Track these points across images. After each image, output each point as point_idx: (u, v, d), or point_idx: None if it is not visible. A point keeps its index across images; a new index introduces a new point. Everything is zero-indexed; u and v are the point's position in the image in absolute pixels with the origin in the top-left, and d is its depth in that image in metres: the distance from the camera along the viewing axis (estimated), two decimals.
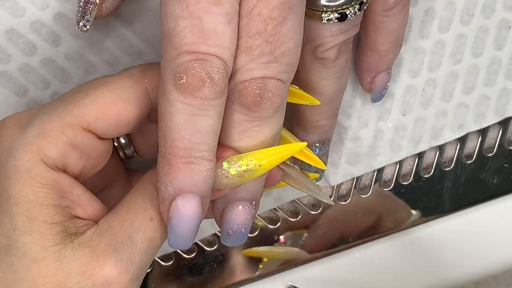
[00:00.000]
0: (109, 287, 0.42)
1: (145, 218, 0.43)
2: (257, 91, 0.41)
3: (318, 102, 0.49)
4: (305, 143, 0.45)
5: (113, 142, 0.49)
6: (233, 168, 0.43)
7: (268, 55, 0.41)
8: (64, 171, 0.44)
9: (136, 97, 0.44)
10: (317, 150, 0.53)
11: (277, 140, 0.44)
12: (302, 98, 0.48)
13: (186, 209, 0.42)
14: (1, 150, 0.44)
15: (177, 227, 0.42)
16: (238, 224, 0.45)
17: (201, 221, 0.43)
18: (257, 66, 0.41)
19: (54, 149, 0.43)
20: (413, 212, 0.61)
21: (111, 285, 0.42)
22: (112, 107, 0.44)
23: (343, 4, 0.46)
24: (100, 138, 0.45)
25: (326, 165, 0.55)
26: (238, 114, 0.42)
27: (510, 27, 0.57)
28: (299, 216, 0.60)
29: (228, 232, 0.46)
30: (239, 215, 0.45)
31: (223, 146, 0.43)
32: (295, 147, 0.44)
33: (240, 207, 0.45)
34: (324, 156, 0.54)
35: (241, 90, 0.41)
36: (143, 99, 0.45)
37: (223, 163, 0.43)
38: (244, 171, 0.43)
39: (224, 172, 0.43)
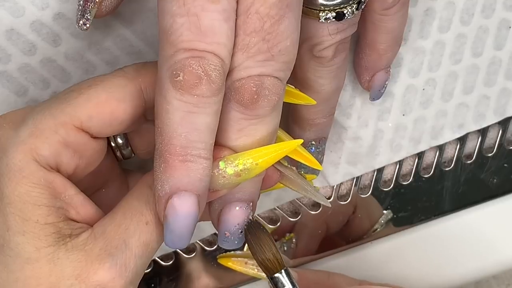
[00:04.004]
0: None
1: (140, 222, 0.43)
2: (254, 89, 0.41)
3: (314, 102, 0.49)
4: (301, 140, 0.45)
5: (110, 142, 0.49)
6: (229, 167, 0.43)
7: (265, 53, 0.40)
8: (57, 170, 0.44)
9: (130, 96, 0.44)
10: (313, 148, 0.53)
11: (274, 139, 0.44)
12: (299, 97, 0.48)
13: (183, 207, 0.41)
14: None
15: (173, 226, 0.42)
16: (235, 225, 0.45)
17: (197, 220, 0.43)
18: (254, 64, 0.41)
19: (46, 148, 0.43)
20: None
21: None
22: (106, 106, 0.44)
23: (340, 3, 0.46)
24: (94, 137, 0.45)
25: (322, 163, 0.55)
26: (235, 112, 0.42)
27: (510, 27, 0.57)
28: (299, 216, 0.60)
29: (225, 234, 0.46)
30: (237, 216, 0.45)
31: (219, 146, 0.43)
32: (292, 145, 0.44)
33: (237, 207, 0.45)
34: (320, 154, 0.54)
35: (238, 88, 0.41)
36: (136, 98, 0.45)
37: (220, 163, 0.43)
38: (241, 170, 0.43)
39: (221, 172, 0.43)
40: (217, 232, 0.59)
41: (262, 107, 0.41)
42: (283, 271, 0.48)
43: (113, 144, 0.49)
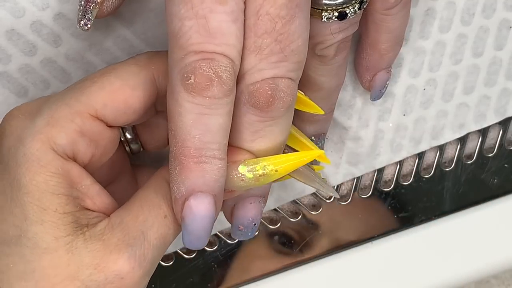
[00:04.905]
0: (121, 282, 0.42)
1: (159, 216, 0.44)
2: (269, 92, 0.41)
3: (322, 112, 0.49)
4: (323, 151, 0.45)
5: (120, 137, 0.49)
6: (249, 172, 0.43)
7: (278, 54, 0.41)
8: (74, 159, 0.44)
9: (143, 83, 0.45)
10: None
11: (287, 138, 0.45)
12: (308, 106, 0.48)
13: (199, 208, 0.42)
14: (10, 139, 0.44)
15: (191, 227, 0.42)
16: (249, 219, 0.46)
17: (215, 220, 0.43)
18: (268, 66, 0.41)
19: (63, 137, 0.43)
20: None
21: (123, 279, 0.42)
22: (119, 93, 0.44)
23: (343, 3, 0.46)
24: (109, 126, 0.45)
25: None
26: (250, 115, 0.42)
27: (510, 27, 0.57)
28: (299, 216, 0.60)
29: (239, 227, 0.46)
30: (250, 211, 0.46)
31: (239, 149, 0.43)
32: (312, 155, 0.44)
33: (251, 203, 0.46)
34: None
35: (253, 92, 0.41)
36: (149, 86, 0.45)
37: (240, 166, 0.43)
38: (260, 175, 0.43)
39: (240, 175, 0.43)
40: (218, 233, 0.60)
41: (277, 109, 0.42)
42: None
43: (122, 139, 0.49)
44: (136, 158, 0.52)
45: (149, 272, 0.44)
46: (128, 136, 0.49)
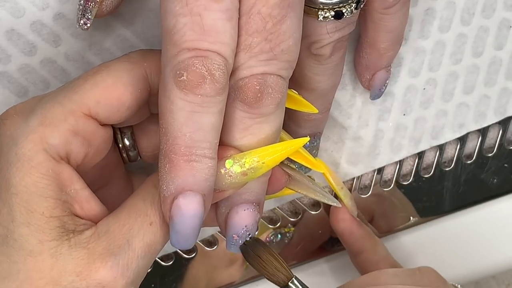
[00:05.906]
0: None
1: (144, 223, 0.43)
2: (258, 87, 0.41)
3: (316, 110, 0.48)
4: (307, 138, 0.45)
5: (118, 144, 0.49)
6: (236, 166, 0.42)
7: (267, 52, 0.41)
8: (67, 159, 0.44)
9: (135, 80, 0.44)
10: (308, 143, 0.53)
11: (278, 137, 0.44)
12: (302, 105, 0.48)
13: (188, 207, 0.41)
14: (3, 138, 0.44)
15: (179, 226, 0.42)
16: (243, 228, 0.45)
17: (203, 221, 0.42)
18: (257, 63, 0.41)
19: (56, 137, 0.43)
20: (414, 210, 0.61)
21: None
22: (112, 90, 0.44)
23: (339, 2, 0.46)
24: (102, 124, 0.45)
25: (316, 157, 0.55)
26: (239, 112, 0.42)
27: (510, 27, 0.57)
28: (299, 216, 0.60)
29: (233, 237, 0.45)
30: (244, 218, 0.45)
31: (225, 146, 0.43)
32: (298, 143, 0.44)
33: (245, 209, 0.45)
34: (314, 149, 0.55)
35: (242, 87, 0.41)
36: (142, 82, 0.45)
37: (226, 161, 0.42)
38: (247, 169, 0.42)
39: (227, 171, 0.43)
40: (217, 232, 0.60)
41: (266, 105, 0.41)
42: (294, 279, 0.47)
43: (120, 145, 0.49)
44: (134, 167, 0.52)
45: (134, 282, 0.43)
46: (127, 142, 0.49)
